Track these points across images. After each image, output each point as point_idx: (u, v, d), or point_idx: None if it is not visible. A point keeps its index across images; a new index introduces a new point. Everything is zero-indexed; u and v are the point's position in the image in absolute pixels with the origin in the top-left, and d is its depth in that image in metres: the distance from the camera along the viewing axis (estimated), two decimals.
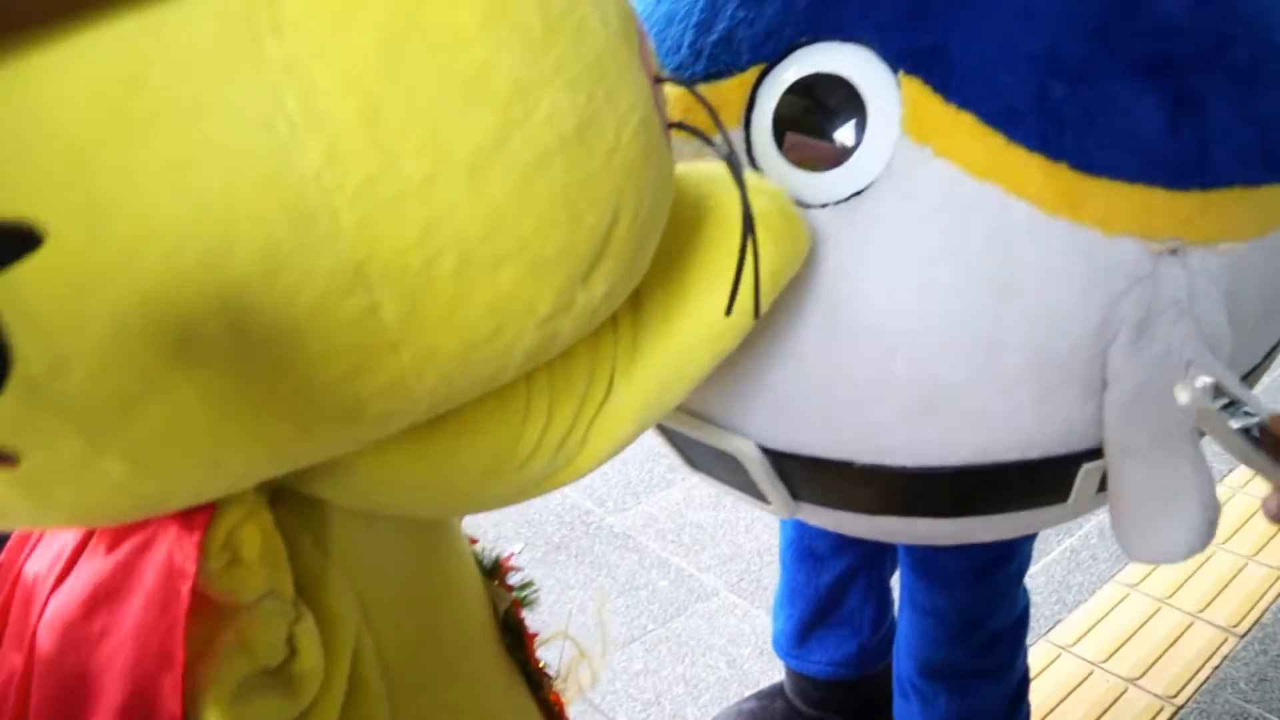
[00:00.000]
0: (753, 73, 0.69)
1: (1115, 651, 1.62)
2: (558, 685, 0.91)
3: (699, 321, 0.55)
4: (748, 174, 0.51)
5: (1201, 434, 0.65)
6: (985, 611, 1.14)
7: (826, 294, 0.68)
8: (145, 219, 0.33)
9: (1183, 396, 0.62)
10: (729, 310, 0.52)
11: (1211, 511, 0.63)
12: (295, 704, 0.51)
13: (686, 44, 0.74)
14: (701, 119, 0.72)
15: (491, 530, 2.14)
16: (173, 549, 0.44)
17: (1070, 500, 0.78)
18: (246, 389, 0.38)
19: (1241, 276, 0.68)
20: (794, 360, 0.72)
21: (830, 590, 1.31)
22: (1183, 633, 1.65)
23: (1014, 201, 0.62)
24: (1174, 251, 0.65)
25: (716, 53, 0.71)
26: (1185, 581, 1.76)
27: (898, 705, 1.27)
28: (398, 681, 0.61)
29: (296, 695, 0.51)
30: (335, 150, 0.34)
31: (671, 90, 0.74)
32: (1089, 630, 1.67)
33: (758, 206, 0.51)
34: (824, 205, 0.67)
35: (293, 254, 0.35)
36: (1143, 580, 1.76)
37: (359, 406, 0.41)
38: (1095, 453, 0.71)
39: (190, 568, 0.44)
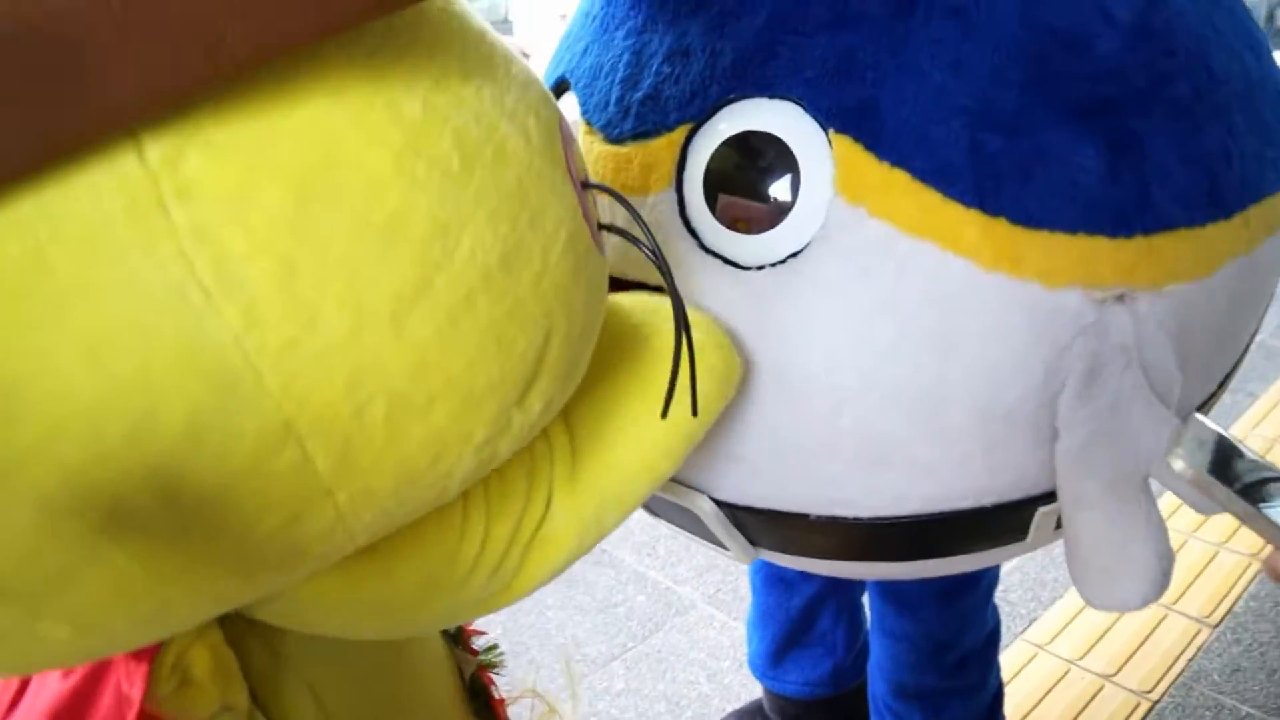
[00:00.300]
0: (681, 131, 0.67)
1: (1091, 648, 1.62)
2: None
3: (636, 448, 0.54)
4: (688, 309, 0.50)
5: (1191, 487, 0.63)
6: (954, 633, 1.14)
7: (771, 355, 0.66)
8: (63, 401, 0.32)
9: (1177, 464, 0.61)
10: (664, 413, 0.51)
11: (1165, 561, 0.62)
12: None
13: (614, 100, 0.71)
14: (633, 178, 0.71)
15: None
16: (120, 677, 0.44)
17: (1028, 539, 0.77)
18: (184, 550, 0.37)
19: (1190, 316, 0.67)
20: (743, 421, 0.70)
21: (802, 613, 1.30)
22: (1156, 626, 1.66)
23: (951, 258, 0.61)
24: (1119, 298, 0.64)
25: (644, 111, 0.69)
26: None
27: None
28: None
29: None
30: (253, 313, 0.33)
31: (603, 149, 0.72)
32: (1064, 627, 1.67)
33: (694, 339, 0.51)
34: (760, 268, 0.65)
35: (218, 419, 0.34)
36: None
37: (299, 551, 0.40)
38: (1051, 495, 0.70)
39: (136, 695, 0.43)
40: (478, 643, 0.86)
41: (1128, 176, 0.62)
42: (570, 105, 0.77)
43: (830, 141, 0.62)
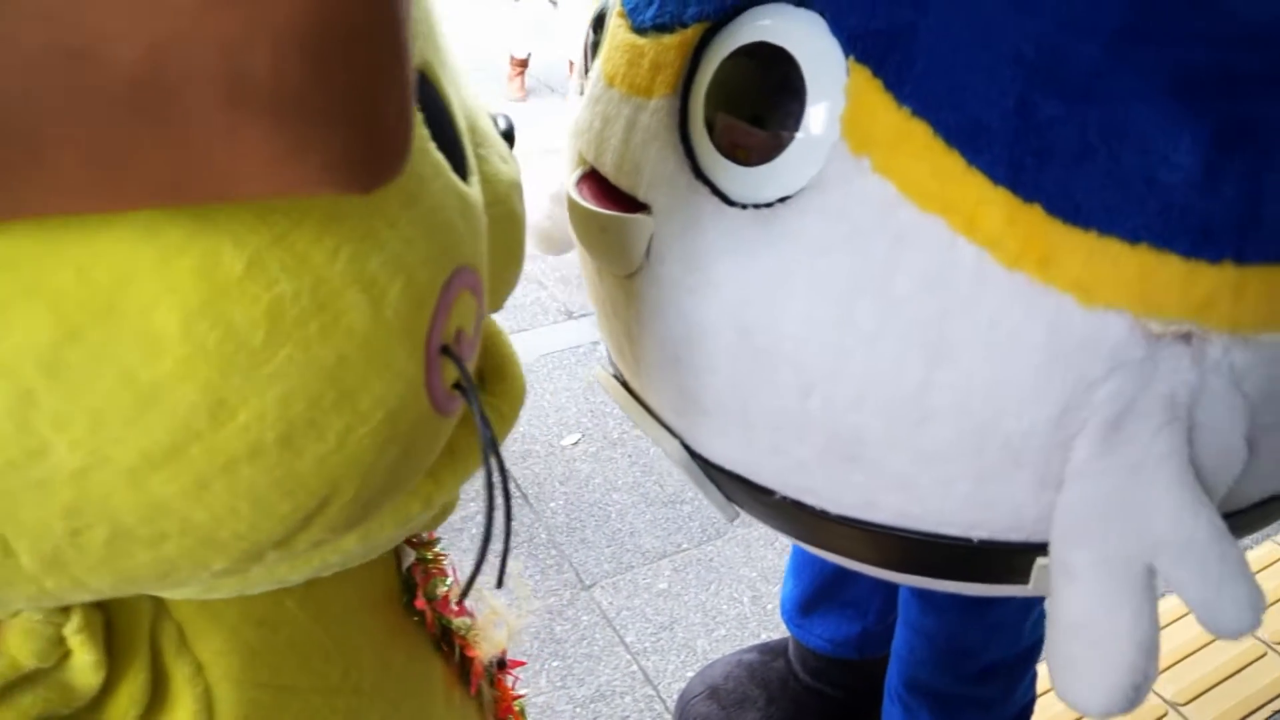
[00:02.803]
0: (696, 31, 0.56)
1: (1164, 669, 1.45)
2: (473, 640, 0.87)
3: None
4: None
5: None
6: (979, 642, 1.02)
7: (737, 313, 0.57)
8: None
9: None
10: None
11: (1138, 675, 0.49)
12: (74, 695, 0.49)
13: None
14: (641, 77, 0.61)
15: (553, 415, 2.13)
16: None
17: (1030, 585, 0.65)
18: None
19: None
20: (708, 373, 0.62)
21: (838, 569, 1.21)
22: (1250, 662, 1.46)
23: (962, 243, 0.48)
24: (1184, 337, 0.50)
25: (667, 0, 0.58)
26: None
27: (886, 707, 1.19)
28: (247, 661, 0.58)
29: (73, 688, 0.49)
30: None
31: (624, 38, 0.62)
32: None
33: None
34: (745, 206, 0.54)
35: None
36: None
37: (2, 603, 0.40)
38: None
39: None
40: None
41: (1231, 181, 0.47)
42: None
43: (848, 71, 0.50)
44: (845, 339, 0.53)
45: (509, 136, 0.51)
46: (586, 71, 0.71)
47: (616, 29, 0.63)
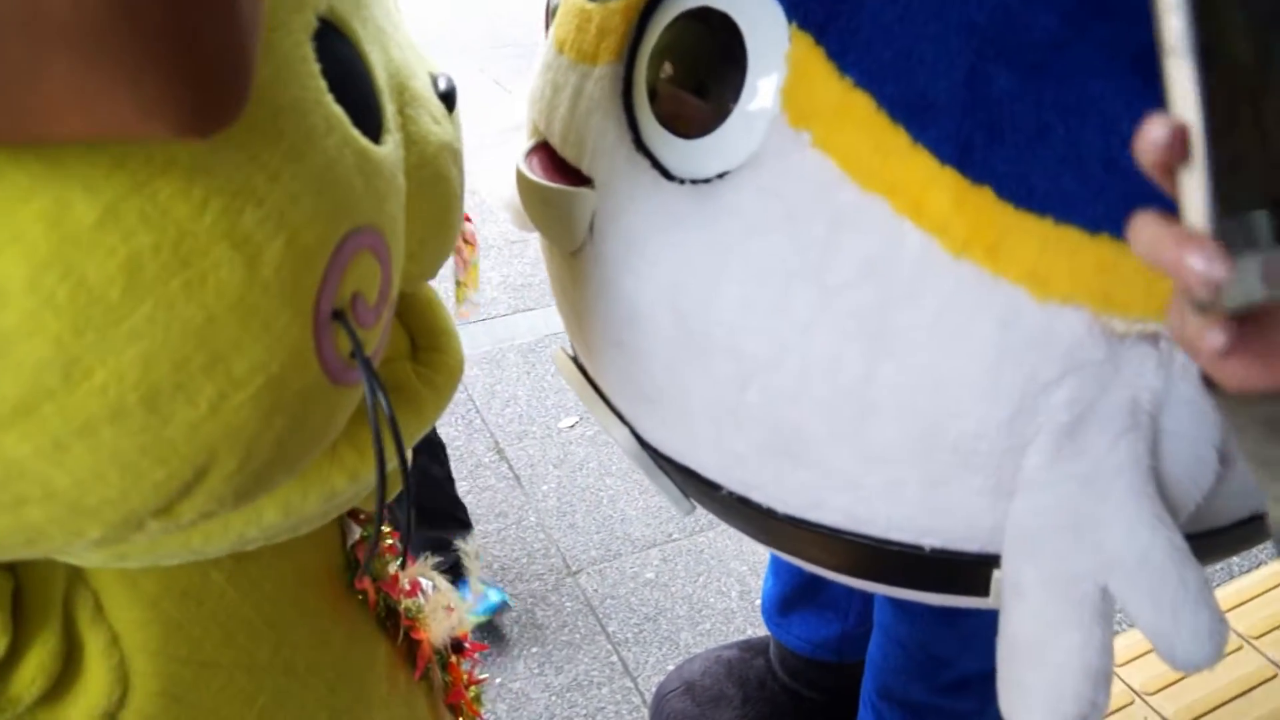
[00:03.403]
0: None
1: (1168, 685, 1.40)
2: (421, 622, 0.84)
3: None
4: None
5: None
6: (953, 652, 0.98)
7: (674, 296, 0.53)
8: None
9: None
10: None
11: (1084, 704, 0.45)
12: None
13: None
14: (588, 43, 0.57)
15: (553, 398, 2.10)
16: None
17: (990, 599, 0.61)
18: None
19: None
20: (649, 358, 0.58)
21: None
22: (1261, 683, 1.40)
23: (906, 227, 0.44)
24: (1150, 337, 0.45)
25: None
26: None
27: (860, 714, 1.15)
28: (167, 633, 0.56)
29: None
30: None
31: (573, 1, 0.58)
32: (1140, 656, 1.45)
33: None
34: (683, 181, 0.51)
35: None
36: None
37: None
38: None
39: None
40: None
41: None
42: None
43: (790, 38, 0.46)
44: (781, 327, 0.49)
45: (448, 97, 0.48)
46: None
47: None
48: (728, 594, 1.66)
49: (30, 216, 0.29)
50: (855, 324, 0.47)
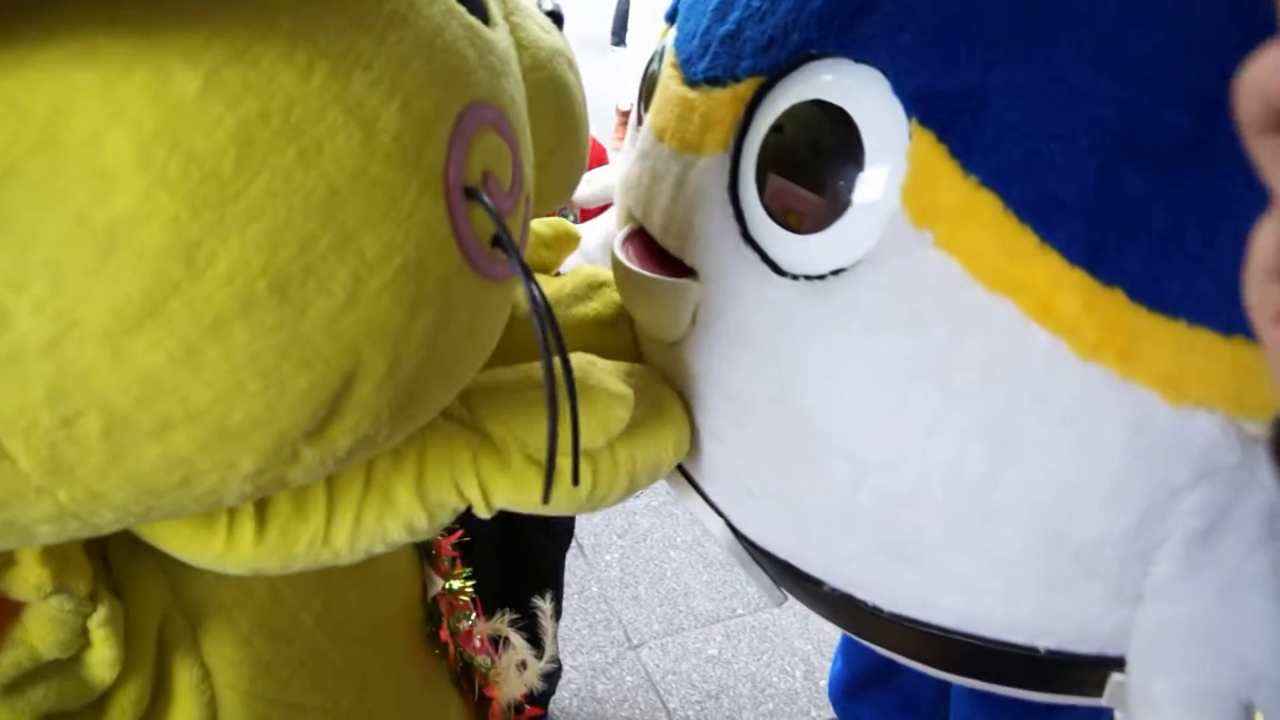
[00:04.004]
0: (750, 86, 0.53)
1: None
2: (493, 680, 0.82)
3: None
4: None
5: None
6: None
7: (786, 393, 0.53)
8: None
9: None
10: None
11: None
12: (85, 691, 0.47)
13: (699, 32, 0.58)
14: (692, 133, 0.58)
15: None
16: None
17: (1105, 699, 0.59)
18: None
19: None
20: (756, 457, 0.57)
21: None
22: None
23: (1034, 330, 0.44)
24: None
25: (720, 51, 0.55)
26: None
27: None
28: (257, 672, 0.56)
29: (86, 683, 0.47)
30: None
31: (676, 90, 0.59)
32: None
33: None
34: (795, 276, 0.51)
35: None
36: None
37: (24, 530, 0.36)
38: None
39: None
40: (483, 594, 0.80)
41: None
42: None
43: (910, 134, 0.46)
44: (901, 429, 0.49)
45: (555, 16, 0.47)
46: (640, 122, 0.68)
47: (668, 80, 0.60)
48: (792, 674, 1.62)
49: (133, 90, 0.28)
50: (979, 426, 0.46)
